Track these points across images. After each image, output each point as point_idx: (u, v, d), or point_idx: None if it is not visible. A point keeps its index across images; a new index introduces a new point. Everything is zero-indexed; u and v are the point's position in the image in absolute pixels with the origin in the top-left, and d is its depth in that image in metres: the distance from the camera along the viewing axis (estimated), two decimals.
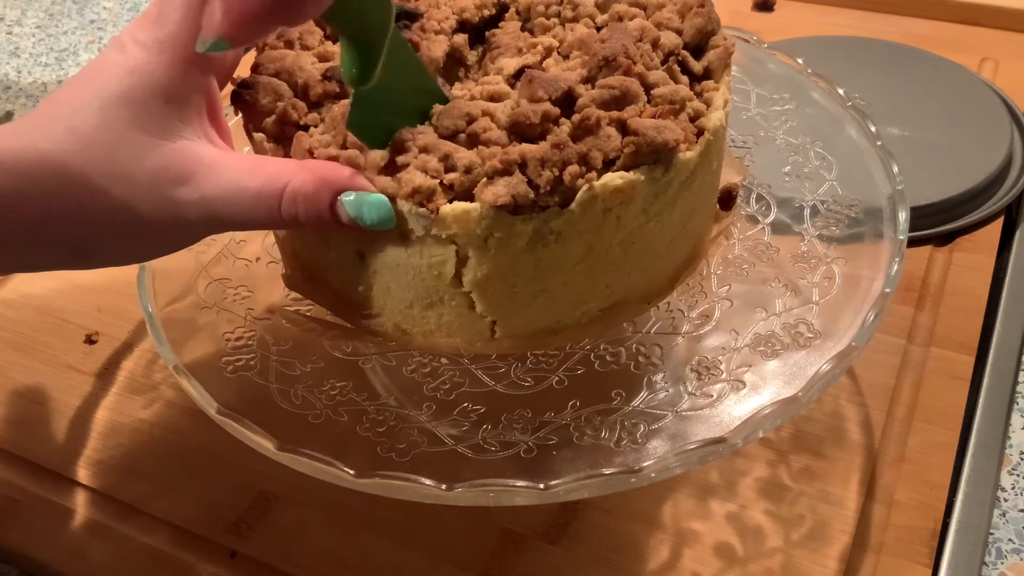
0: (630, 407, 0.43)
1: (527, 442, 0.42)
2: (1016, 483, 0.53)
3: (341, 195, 0.38)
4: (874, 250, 0.47)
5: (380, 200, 0.38)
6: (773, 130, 0.56)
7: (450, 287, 0.40)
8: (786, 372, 0.43)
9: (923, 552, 0.46)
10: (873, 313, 0.43)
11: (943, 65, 0.77)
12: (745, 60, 0.59)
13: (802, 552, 0.46)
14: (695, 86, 0.43)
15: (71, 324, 0.63)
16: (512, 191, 0.37)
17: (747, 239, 0.51)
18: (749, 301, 0.47)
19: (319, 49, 0.45)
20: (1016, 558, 0.50)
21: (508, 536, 0.48)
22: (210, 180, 0.37)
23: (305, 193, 0.37)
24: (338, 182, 0.38)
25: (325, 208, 0.38)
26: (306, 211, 0.38)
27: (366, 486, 0.39)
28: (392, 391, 0.46)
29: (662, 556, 0.47)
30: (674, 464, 0.39)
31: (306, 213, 0.38)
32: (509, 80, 0.43)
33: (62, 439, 0.55)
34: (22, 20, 1.11)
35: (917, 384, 0.54)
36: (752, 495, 0.49)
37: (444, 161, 0.38)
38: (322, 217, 0.38)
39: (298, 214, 0.38)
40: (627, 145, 0.38)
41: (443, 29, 0.45)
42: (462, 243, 0.39)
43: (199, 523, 0.50)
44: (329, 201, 0.38)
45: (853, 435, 0.51)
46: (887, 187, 0.50)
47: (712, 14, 0.44)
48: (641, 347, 0.46)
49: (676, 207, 0.41)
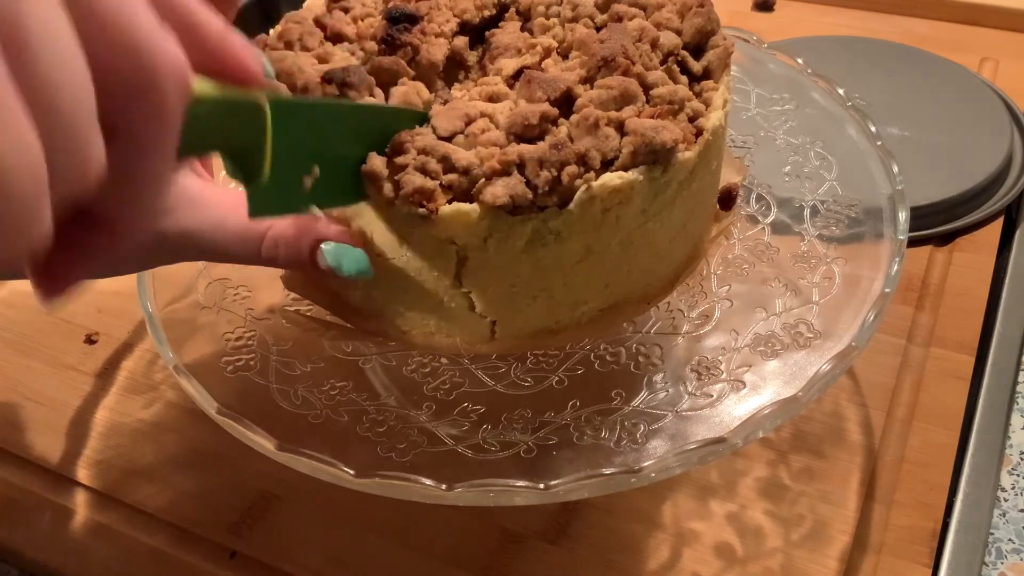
0: (630, 407, 0.43)
1: (527, 442, 0.42)
2: (1016, 483, 0.53)
3: (322, 244, 0.39)
4: (874, 250, 0.47)
5: (359, 255, 0.39)
6: (773, 130, 0.56)
7: (451, 288, 0.40)
8: (786, 372, 0.43)
9: (923, 552, 0.46)
10: (873, 313, 0.43)
11: (943, 65, 0.77)
12: (745, 60, 0.59)
13: (802, 552, 0.46)
14: (694, 86, 0.43)
15: (71, 324, 0.63)
16: (510, 192, 0.37)
17: (747, 239, 0.50)
18: (749, 301, 0.47)
19: (319, 51, 0.45)
20: (1016, 558, 0.50)
21: (508, 536, 0.48)
22: (193, 214, 0.37)
23: (286, 238, 0.39)
24: (320, 231, 0.39)
25: (305, 254, 0.39)
26: (286, 255, 0.39)
27: (366, 486, 0.39)
28: (392, 391, 0.46)
29: (662, 556, 0.47)
30: (674, 464, 0.39)
31: (286, 256, 0.39)
32: (508, 81, 0.43)
33: (62, 439, 0.55)
34: None
35: (917, 384, 0.54)
36: (752, 495, 0.49)
37: (443, 162, 0.38)
38: (302, 262, 0.39)
39: (278, 256, 0.39)
40: (625, 145, 0.38)
41: (443, 32, 0.45)
42: (461, 244, 0.39)
43: (199, 523, 0.50)
44: (310, 248, 0.39)
45: (853, 435, 0.51)
46: (887, 187, 0.50)
47: (711, 14, 0.44)
48: (641, 347, 0.46)
49: (675, 207, 0.41)
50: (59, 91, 0.21)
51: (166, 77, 0.24)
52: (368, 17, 0.47)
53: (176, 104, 0.24)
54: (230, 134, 0.31)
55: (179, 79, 0.24)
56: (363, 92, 0.41)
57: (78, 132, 0.22)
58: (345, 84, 0.41)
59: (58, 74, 0.21)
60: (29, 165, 0.20)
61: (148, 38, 0.23)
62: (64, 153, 0.21)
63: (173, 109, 0.24)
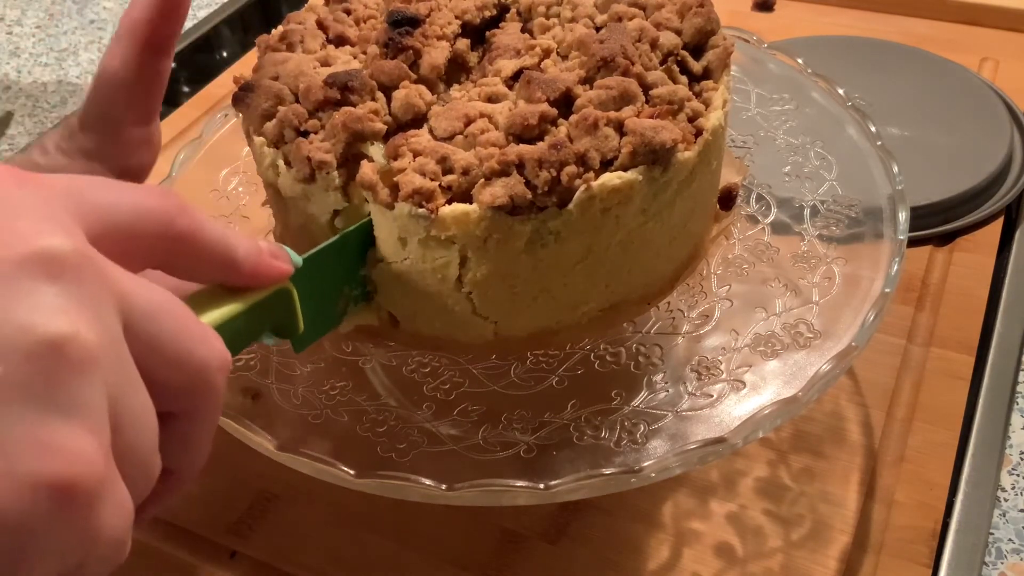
0: (630, 407, 0.43)
1: (527, 442, 0.42)
2: (1016, 483, 0.53)
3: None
4: (874, 250, 0.47)
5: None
6: (773, 130, 0.56)
7: (454, 291, 0.40)
8: (786, 372, 0.43)
9: (923, 552, 0.46)
10: (873, 313, 0.43)
11: (943, 65, 0.77)
12: (745, 60, 0.59)
13: (802, 552, 0.46)
14: (694, 86, 0.43)
15: None
16: (510, 192, 0.37)
17: (747, 239, 0.50)
18: (749, 301, 0.47)
19: (321, 54, 0.45)
20: (1016, 558, 0.50)
21: (508, 536, 0.48)
22: None
23: None
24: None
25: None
26: None
27: (366, 486, 0.39)
28: (392, 391, 0.46)
29: (662, 556, 0.47)
30: (674, 464, 0.39)
31: None
32: (507, 81, 0.43)
33: None
34: (22, 20, 1.11)
35: (917, 384, 0.54)
36: (752, 495, 0.49)
37: (442, 163, 0.38)
38: None
39: None
40: (625, 145, 0.38)
41: (445, 35, 0.45)
42: (461, 244, 0.39)
43: (199, 523, 0.50)
44: None
45: (853, 435, 0.51)
46: (887, 187, 0.50)
47: (712, 14, 0.44)
48: (641, 347, 0.46)
49: (675, 207, 0.41)
50: (137, 449, 0.25)
51: (216, 373, 0.28)
52: (370, 19, 0.47)
53: (223, 383, 0.28)
54: (264, 323, 0.34)
55: (225, 367, 0.28)
56: (364, 96, 0.41)
57: (147, 465, 0.26)
58: (346, 88, 0.41)
59: (139, 437, 0.25)
60: (124, 517, 0.25)
61: (200, 350, 0.27)
62: (133, 482, 0.26)
63: (221, 388, 0.28)
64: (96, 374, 0.23)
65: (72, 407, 0.22)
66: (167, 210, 0.28)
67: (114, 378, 0.24)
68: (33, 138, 0.95)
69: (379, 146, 0.40)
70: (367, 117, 0.40)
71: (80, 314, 0.23)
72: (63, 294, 0.23)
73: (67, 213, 0.25)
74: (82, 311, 0.23)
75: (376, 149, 0.40)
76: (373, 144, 0.40)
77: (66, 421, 0.22)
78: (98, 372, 0.23)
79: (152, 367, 0.26)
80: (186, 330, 0.27)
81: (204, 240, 0.30)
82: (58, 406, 0.22)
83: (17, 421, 0.22)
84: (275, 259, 0.33)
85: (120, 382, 0.24)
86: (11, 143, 0.96)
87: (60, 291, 0.23)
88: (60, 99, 1.00)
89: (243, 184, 0.57)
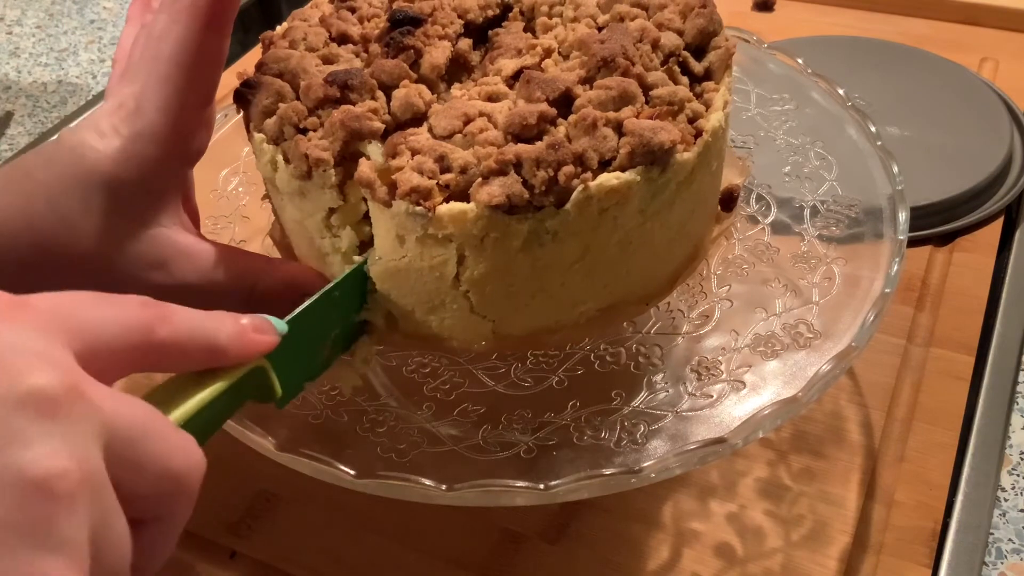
0: (630, 407, 0.43)
1: (527, 442, 0.42)
2: (1016, 483, 0.53)
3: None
4: (874, 250, 0.47)
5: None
6: (773, 130, 0.56)
7: (452, 289, 0.40)
8: (786, 372, 0.43)
9: (923, 552, 0.46)
10: (873, 313, 0.43)
11: (943, 65, 0.77)
12: (745, 60, 0.59)
13: (802, 552, 0.46)
14: (695, 87, 0.43)
15: None
16: (507, 191, 0.37)
17: (747, 239, 0.51)
18: (749, 301, 0.47)
19: (324, 51, 0.45)
20: (1016, 558, 0.50)
21: (508, 536, 0.48)
22: (184, 267, 0.40)
23: (276, 293, 0.42)
24: (305, 287, 0.41)
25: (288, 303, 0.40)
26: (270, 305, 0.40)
27: (366, 486, 0.39)
28: (392, 391, 0.46)
29: (662, 556, 0.47)
30: (674, 464, 0.39)
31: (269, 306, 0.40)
32: (508, 81, 0.43)
33: None
34: (22, 20, 1.11)
35: (917, 384, 0.54)
36: (752, 495, 0.49)
37: (440, 162, 0.38)
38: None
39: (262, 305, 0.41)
40: (623, 146, 0.38)
41: (447, 34, 0.45)
42: (459, 243, 0.39)
43: (199, 523, 0.50)
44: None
45: (853, 435, 0.51)
46: (887, 187, 0.50)
47: (714, 15, 0.44)
48: (641, 347, 0.46)
49: (675, 208, 0.41)
50: (113, 572, 0.26)
51: (193, 480, 0.29)
52: (375, 18, 0.47)
53: (198, 486, 0.29)
54: (241, 397, 0.34)
55: (201, 470, 0.29)
56: (364, 95, 0.41)
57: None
58: (346, 87, 0.41)
59: (116, 563, 0.26)
60: None
61: (178, 462, 0.28)
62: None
63: (195, 492, 0.29)
64: (81, 509, 0.24)
65: (59, 544, 0.24)
66: (147, 323, 0.29)
67: (97, 510, 0.25)
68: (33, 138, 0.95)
69: (377, 145, 0.40)
70: (365, 116, 0.40)
71: (70, 453, 0.24)
72: (55, 434, 0.24)
73: (57, 339, 0.27)
74: (71, 449, 0.24)
75: (374, 148, 0.40)
76: (371, 143, 0.40)
77: (54, 557, 0.24)
78: (83, 507, 0.25)
79: (131, 486, 0.27)
80: (164, 445, 0.28)
81: (185, 342, 0.30)
82: (46, 543, 0.24)
83: (9, 557, 0.23)
84: (259, 333, 0.33)
85: (102, 513, 0.25)
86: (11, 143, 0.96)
87: (51, 430, 0.24)
88: (60, 99, 1.00)
89: (243, 184, 0.57)
